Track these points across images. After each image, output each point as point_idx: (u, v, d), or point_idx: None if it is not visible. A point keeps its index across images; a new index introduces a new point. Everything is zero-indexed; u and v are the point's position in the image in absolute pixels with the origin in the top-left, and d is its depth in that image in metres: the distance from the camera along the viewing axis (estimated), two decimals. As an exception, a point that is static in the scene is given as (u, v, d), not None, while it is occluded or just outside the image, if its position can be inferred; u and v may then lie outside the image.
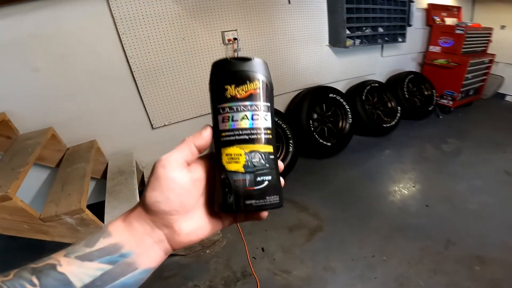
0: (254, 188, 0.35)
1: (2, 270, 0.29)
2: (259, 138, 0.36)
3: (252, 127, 0.36)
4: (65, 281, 0.29)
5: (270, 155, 0.36)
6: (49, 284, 0.28)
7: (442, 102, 3.66)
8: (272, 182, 0.36)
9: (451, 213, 2.04)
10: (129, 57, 2.03)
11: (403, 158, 2.82)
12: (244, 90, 0.36)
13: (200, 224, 0.37)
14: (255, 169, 0.35)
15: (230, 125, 0.35)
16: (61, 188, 1.66)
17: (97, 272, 0.30)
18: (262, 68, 0.38)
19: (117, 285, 0.31)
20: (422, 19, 3.64)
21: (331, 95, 2.81)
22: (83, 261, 0.30)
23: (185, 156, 0.35)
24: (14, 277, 0.28)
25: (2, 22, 1.70)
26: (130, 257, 0.32)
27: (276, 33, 2.55)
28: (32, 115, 1.95)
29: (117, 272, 0.31)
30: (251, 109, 0.36)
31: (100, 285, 0.30)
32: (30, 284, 0.28)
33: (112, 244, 0.32)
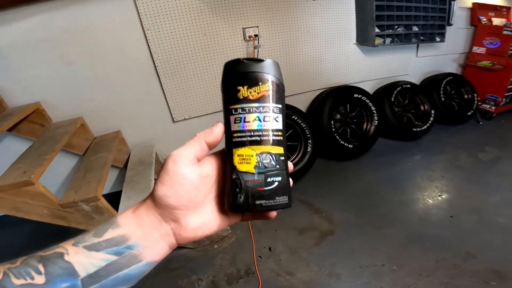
0: (264, 188, 0.36)
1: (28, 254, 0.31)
2: (270, 140, 0.37)
3: (264, 129, 0.36)
4: (70, 269, 0.30)
5: (280, 157, 0.37)
6: (55, 272, 0.29)
7: (484, 107, 3.38)
8: (282, 183, 0.37)
9: (477, 226, 1.89)
10: (153, 52, 2.10)
11: (432, 165, 2.65)
12: (256, 92, 0.36)
13: (207, 220, 0.37)
14: (265, 170, 0.36)
15: (242, 126, 0.36)
16: (83, 176, 1.76)
17: (102, 262, 0.31)
18: (274, 69, 0.38)
19: (120, 276, 0.32)
20: (466, 18, 3.38)
21: (356, 95, 2.71)
22: (90, 251, 0.31)
23: (195, 152, 0.36)
24: (21, 264, 0.29)
25: (37, 18, 1.82)
26: (136, 249, 0.33)
27: (299, 30, 2.50)
28: (64, 105, 2.09)
29: (122, 263, 0.32)
30: (263, 111, 0.36)
31: (104, 275, 0.31)
32: (36, 271, 0.29)
33: (120, 235, 0.33)
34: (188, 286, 1.62)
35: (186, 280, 1.65)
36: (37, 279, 0.28)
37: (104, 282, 0.31)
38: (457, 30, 3.34)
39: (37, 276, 0.28)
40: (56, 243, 0.33)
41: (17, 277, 0.28)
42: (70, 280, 0.29)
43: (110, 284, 0.31)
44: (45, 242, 1.26)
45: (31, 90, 1.98)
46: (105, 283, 0.31)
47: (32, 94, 1.99)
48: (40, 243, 2.14)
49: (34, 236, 2.24)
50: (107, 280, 0.31)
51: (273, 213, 0.39)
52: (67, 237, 1.30)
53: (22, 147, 1.81)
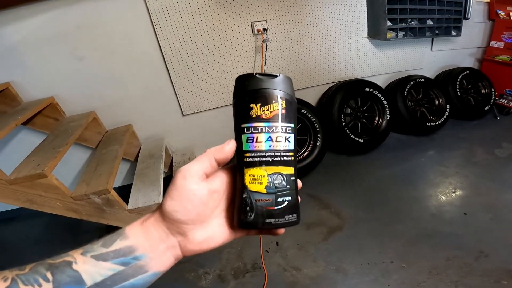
0: (274, 208, 0.36)
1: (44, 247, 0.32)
2: (282, 161, 0.36)
3: (276, 149, 0.36)
4: (77, 278, 0.30)
5: (291, 177, 0.37)
6: (62, 280, 0.29)
7: (501, 102, 3.27)
8: (291, 201, 0.37)
9: (491, 224, 1.84)
10: (162, 46, 2.12)
11: (447, 160, 2.58)
12: (269, 110, 0.36)
13: (213, 234, 0.38)
14: (276, 190, 0.36)
15: (254, 146, 0.36)
16: (94, 168, 1.80)
17: (109, 272, 0.32)
18: (287, 86, 0.37)
19: (125, 286, 0.32)
20: (483, 12, 3.28)
21: (367, 89, 2.66)
22: (98, 260, 0.32)
23: (204, 169, 0.36)
24: (30, 271, 0.30)
25: (50, 14, 1.87)
26: (142, 260, 0.34)
27: (308, 23, 2.47)
28: (77, 100, 2.14)
29: (128, 273, 0.33)
30: (275, 131, 0.36)
31: (110, 284, 0.31)
32: (44, 279, 0.29)
33: (127, 246, 0.33)
34: (195, 280, 1.65)
35: (193, 274, 1.68)
36: (44, 286, 0.29)
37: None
38: (474, 24, 3.25)
39: (45, 283, 0.29)
40: (69, 236, 0.34)
41: (25, 284, 0.28)
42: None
43: None
44: (59, 235, 1.31)
45: (45, 85, 2.03)
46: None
47: (46, 88, 2.04)
48: (54, 235, 2.22)
49: (48, 229, 2.30)
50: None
51: (281, 230, 0.39)
52: (78, 230, 1.35)
53: (36, 140, 1.87)
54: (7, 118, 1.70)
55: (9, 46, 1.86)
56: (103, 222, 1.68)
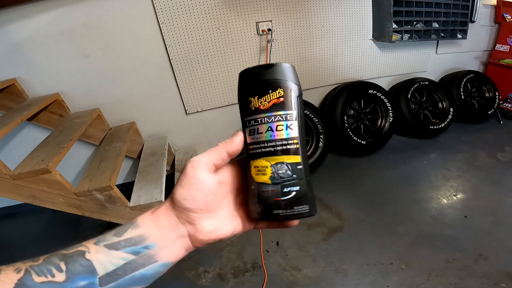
0: (281, 198, 0.36)
1: (45, 243, 0.32)
2: (284, 150, 0.36)
3: (277, 139, 0.36)
4: (90, 267, 0.31)
5: (297, 165, 0.36)
6: (75, 270, 0.30)
7: (505, 106, 3.26)
8: (300, 192, 0.36)
9: (492, 227, 1.84)
10: (168, 45, 2.13)
11: (449, 164, 2.58)
12: (266, 101, 0.36)
13: (221, 225, 0.39)
14: (281, 180, 0.35)
15: (256, 138, 0.36)
16: (98, 165, 1.81)
17: (120, 261, 0.32)
18: (285, 73, 0.37)
19: (136, 276, 0.33)
20: (490, 15, 3.26)
21: (371, 91, 2.66)
22: (110, 249, 0.32)
23: (214, 161, 0.37)
24: (43, 262, 0.30)
25: (57, 11, 1.88)
26: (152, 249, 0.34)
27: (313, 24, 2.47)
28: (82, 96, 2.15)
29: (139, 263, 0.33)
30: (274, 120, 0.36)
31: (121, 274, 0.32)
32: (57, 269, 0.29)
33: (138, 235, 0.34)
34: (195, 278, 1.66)
35: (193, 272, 1.69)
36: (57, 276, 0.29)
37: (120, 281, 0.32)
38: (480, 27, 3.23)
39: (58, 273, 0.29)
40: (71, 232, 0.34)
41: (38, 275, 0.29)
42: (89, 278, 0.30)
43: (125, 283, 0.32)
44: (60, 231, 1.33)
45: (51, 82, 2.05)
46: (121, 282, 0.32)
47: (52, 85, 2.06)
48: (55, 231, 2.24)
49: (50, 225, 2.33)
50: (123, 279, 0.32)
51: (293, 222, 0.39)
52: (80, 226, 1.37)
53: (41, 136, 1.89)
54: (13, 114, 1.72)
55: (17, 43, 1.88)
56: (104, 218, 1.69)
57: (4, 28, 1.84)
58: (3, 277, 0.28)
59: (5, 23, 1.83)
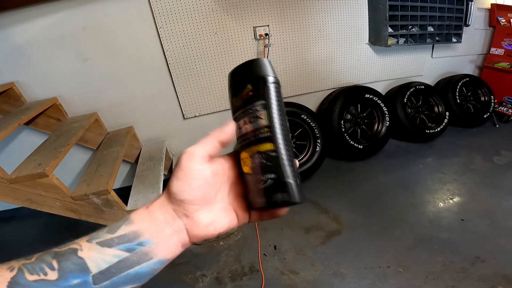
0: (261, 187, 0.36)
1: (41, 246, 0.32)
2: (257, 139, 0.37)
3: (250, 130, 0.37)
4: (82, 265, 0.30)
5: (270, 153, 0.36)
6: (67, 268, 0.29)
7: (501, 110, 3.29)
8: (277, 179, 0.36)
9: (488, 230, 1.85)
10: (166, 49, 2.14)
11: (445, 167, 2.60)
12: (240, 98, 0.38)
13: (218, 218, 0.38)
14: (259, 169, 0.36)
15: (238, 133, 0.39)
16: (95, 169, 1.81)
17: (114, 259, 0.31)
18: (253, 69, 0.38)
19: (130, 274, 0.32)
20: (484, 19, 3.30)
21: (368, 95, 2.68)
22: (103, 247, 0.31)
23: (208, 150, 0.37)
24: (36, 260, 0.29)
25: (58, 15, 1.89)
26: (148, 245, 0.33)
27: (310, 29, 2.49)
28: (80, 101, 2.15)
29: (133, 260, 0.32)
30: (247, 114, 0.38)
31: (114, 272, 0.31)
32: (49, 267, 0.29)
33: (132, 232, 0.33)
34: (192, 282, 1.65)
35: (191, 276, 1.68)
36: (50, 274, 0.29)
37: (114, 280, 0.31)
38: (475, 31, 3.27)
39: (50, 272, 0.29)
40: (67, 236, 0.34)
41: (31, 273, 0.28)
42: (82, 277, 0.29)
43: (120, 281, 0.31)
44: (56, 235, 1.32)
45: (49, 85, 2.05)
46: (116, 280, 0.31)
47: (50, 89, 2.06)
48: (52, 235, 2.23)
49: (46, 229, 2.32)
50: (118, 278, 0.31)
51: (278, 212, 0.39)
52: (77, 230, 1.37)
53: (38, 140, 1.89)
54: (11, 118, 1.72)
55: (15, 46, 1.89)
56: (101, 222, 1.69)
57: (4, 31, 1.84)
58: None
59: (6, 26, 1.84)
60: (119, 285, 0.31)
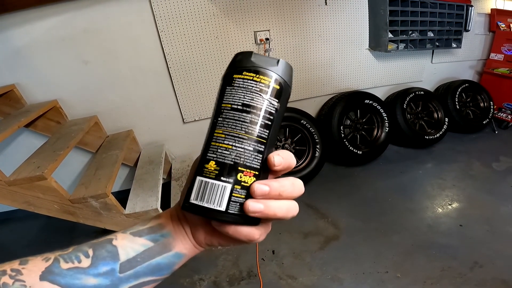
0: None
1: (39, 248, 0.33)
2: None
3: None
4: (114, 253, 0.32)
5: None
6: (101, 255, 0.31)
7: (500, 116, 3.29)
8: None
9: (486, 235, 1.85)
10: (166, 53, 2.15)
11: (444, 173, 2.60)
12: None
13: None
14: None
15: None
16: (94, 172, 1.81)
17: (141, 247, 0.33)
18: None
19: (152, 264, 0.34)
20: (484, 24, 3.31)
21: (367, 101, 2.69)
22: (135, 236, 0.34)
23: None
24: (73, 250, 0.31)
25: (59, 18, 1.90)
26: (168, 237, 0.35)
27: (310, 34, 2.51)
28: (80, 103, 2.16)
29: (156, 250, 0.34)
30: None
31: (139, 261, 0.33)
32: (85, 255, 0.31)
33: (158, 224, 0.36)
34: (190, 286, 1.65)
35: (188, 280, 1.68)
36: (83, 262, 0.30)
37: (137, 269, 0.33)
38: (475, 36, 3.28)
39: (85, 259, 0.31)
40: (64, 238, 0.35)
41: (66, 261, 0.30)
42: (111, 264, 0.31)
43: (142, 271, 0.33)
44: (54, 237, 1.31)
45: (49, 88, 2.05)
46: (138, 270, 0.33)
47: (50, 92, 2.06)
48: (49, 237, 2.22)
49: (44, 231, 2.31)
50: (141, 267, 0.33)
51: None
52: (74, 233, 1.35)
53: (38, 142, 1.89)
54: (10, 120, 1.72)
55: (17, 48, 1.90)
56: (99, 225, 1.69)
57: (5, 33, 1.85)
58: (31, 266, 0.29)
59: (7, 28, 1.84)
60: (141, 276, 0.33)
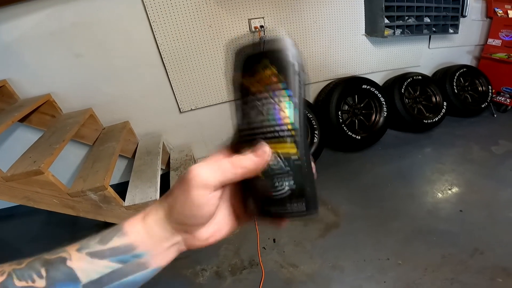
0: (272, 193, 0.31)
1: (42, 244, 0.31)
2: (277, 136, 0.30)
3: (267, 123, 0.31)
4: (72, 275, 0.29)
5: (293, 157, 0.31)
6: (56, 277, 0.29)
7: (498, 100, 3.28)
8: (296, 188, 0.31)
9: (486, 221, 1.85)
10: (159, 44, 2.11)
11: (443, 157, 2.60)
12: (257, 81, 0.31)
13: (219, 227, 0.36)
14: (272, 172, 0.31)
15: (245, 123, 0.32)
16: (91, 165, 1.79)
17: (105, 269, 0.30)
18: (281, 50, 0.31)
19: (124, 282, 0.31)
20: (481, 10, 3.28)
21: (365, 86, 2.66)
22: (93, 258, 0.30)
23: (223, 179, 0.32)
24: (26, 266, 0.29)
25: (47, 11, 1.85)
26: (143, 257, 0.32)
27: (306, 21, 2.46)
28: (74, 97, 2.13)
29: (127, 270, 0.31)
30: (265, 102, 0.30)
31: (106, 282, 0.30)
32: (38, 275, 0.29)
33: (125, 244, 0.32)
34: (192, 276, 1.65)
35: (191, 270, 1.68)
36: (37, 282, 0.28)
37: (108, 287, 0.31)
38: (472, 22, 3.25)
39: (38, 279, 0.28)
40: (66, 232, 0.33)
41: (19, 279, 0.28)
42: (71, 285, 0.29)
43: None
44: (56, 232, 1.31)
45: (42, 82, 2.02)
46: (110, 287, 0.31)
47: (43, 86, 2.03)
48: (52, 232, 2.22)
49: (46, 226, 2.31)
50: (110, 286, 0.31)
51: (282, 223, 0.35)
52: (76, 227, 1.35)
53: (33, 137, 1.87)
54: (4, 116, 1.69)
55: (6, 44, 1.85)
56: (100, 219, 1.68)
57: (-7, 29, 1.81)
58: None
59: (-6, 24, 1.80)
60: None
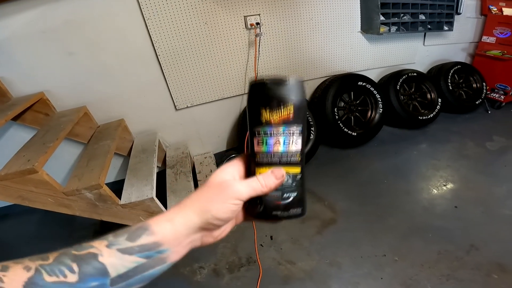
0: (280, 202, 0.41)
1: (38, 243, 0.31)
2: (288, 162, 0.40)
3: (284, 152, 0.40)
4: (103, 270, 0.31)
5: (297, 176, 0.41)
6: (88, 272, 0.30)
7: (493, 96, 3.31)
8: (297, 197, 0.41)
9: (481, 217, 1.87)
10: (154, 41, 2.09)
11: (438, 154, 2.61)
12: (278, 115, 0.38)
13: (226, 226, 0.42)
14: (283, 187, 0.41)
15: (264, 149, 0.40)
16: (86, 163, 1.77)
17: (132, 264, 0.33)
18: (297, 91, 0.39)
19: (145, 275, 0.34)
20: (476, 7, 3.30)
21: (360, 83, 2.67)
22: (123, 254, 0.33)
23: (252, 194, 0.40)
24: (54, 261, 0.30)
25: (38, 9, 1.82)
26: (165, 253, 0.35)
27: (301, 17, 2.45)
28: (68, 95, 2.10)
29: (150, 264, 0.34)
30: (283, 135, 0.39)
31: (131, 275, 0.33)
32: (70, 270, 0.30)
33: (153, 242, 0.35)
34: (190, 274, 1.65)
35: (188, 268, 1.68)
36: (70, 277, 0.29)
37: (129, 281, 0.33)
38: (466, 19, 3.27)
39: (71, 274, 0.30)
40: (63, 232, 0.33)
41: (50, 274, 0.29)
42: (101, 280, 0.31)
43: (134, 282, 0.34)
44: (52, 231, 1.30)
45: (35, 81, 1.99)
46: (131, 281, 0.33)
47: (36, 84, 2.00)
48: (48, 231, 2.20)
49: (42, 225, 2.28)
50: (133, 279, 0.33)
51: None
52: (73, 226, 1.33)
53: (27, 136, 1.84)
54: (-3, 114, 1.67)
55: (-2, 42, 1.82)
56: (96, 217, 1.67)
57: (-17, 28, 1.77)
58: (12, 275, 0.27)
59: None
60: (132, 285, 0.34)
